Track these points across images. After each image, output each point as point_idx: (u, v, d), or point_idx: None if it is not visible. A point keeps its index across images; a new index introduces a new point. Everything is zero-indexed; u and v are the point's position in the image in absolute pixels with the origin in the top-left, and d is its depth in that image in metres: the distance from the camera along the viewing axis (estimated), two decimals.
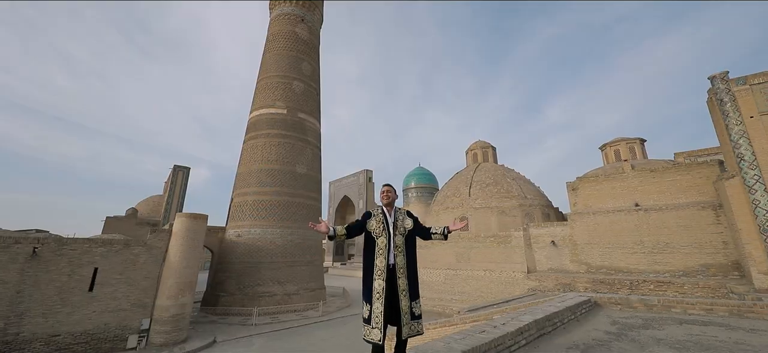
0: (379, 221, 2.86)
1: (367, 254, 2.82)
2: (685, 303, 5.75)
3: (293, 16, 28.30)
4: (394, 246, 2.78)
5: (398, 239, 2.82)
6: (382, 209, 3.00)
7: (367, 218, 2.92)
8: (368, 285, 2.70)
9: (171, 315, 14.33)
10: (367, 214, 2.97)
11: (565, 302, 5.63)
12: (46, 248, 12.56)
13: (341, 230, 2.81)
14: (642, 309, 5.90)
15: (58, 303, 12.39)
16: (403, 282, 2.69)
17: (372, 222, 2.87)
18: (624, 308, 6.08)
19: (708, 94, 14.11)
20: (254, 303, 19.65)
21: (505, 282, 18.31)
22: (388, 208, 2.99)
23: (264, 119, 24.74)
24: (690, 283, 13.51)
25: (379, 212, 2.95)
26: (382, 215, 2.92)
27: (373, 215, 2.92)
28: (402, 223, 2.94)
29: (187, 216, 15.71)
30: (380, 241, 2.74)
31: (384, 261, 2.70)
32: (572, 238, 17.60)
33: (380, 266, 2.69)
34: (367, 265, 2.76)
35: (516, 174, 25.11)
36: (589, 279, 15.71)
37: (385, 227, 2.82)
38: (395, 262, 2.74)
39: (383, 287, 2.62)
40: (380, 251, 2.72)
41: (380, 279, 2.65)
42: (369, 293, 2.65)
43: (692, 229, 14.72)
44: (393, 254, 2.75)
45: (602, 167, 20.23)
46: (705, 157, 21.97)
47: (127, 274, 14.01)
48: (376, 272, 2.68)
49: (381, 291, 2.61)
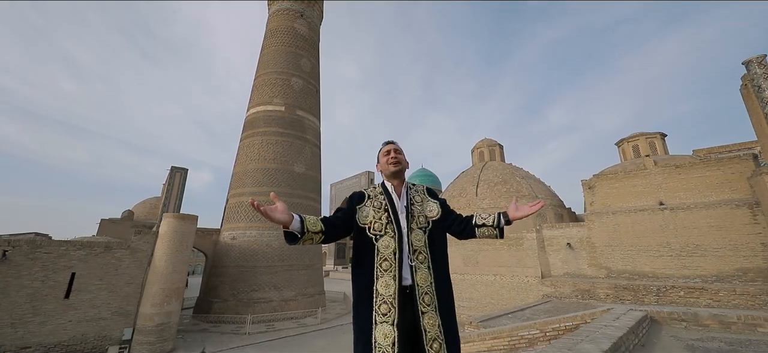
0: (380, 208, 1.63)
1: (358, 269, 1.57)
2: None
3: (292, 12, 27.42)
4: (410, 251, 1.55)
5: (416, 237, 1.59)
6: (384, 187, 1.75)
7: (357, 202, 1.67)
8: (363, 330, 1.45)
9: (156, 324, 13.20)
10: (356, 196, 1.71)
11: (622, 320, 4.38)
12: (18, 251, 11.51)
13: (314, 225, 1.49)
14: (717, 328, 4.64)
15: (29, 311, 11.31)
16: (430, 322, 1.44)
17: (367, 210, 1.63)
18: (690, 325, 4.83)
19: (742, 80, 12.86)
20: (249, 310, 18.50)
21: (517, 287, 16.99)
22: (395, 183, 1.74)
23: (261, 117, 23.76)
24: (725, 289, 12.17)
25: (379, 192, 1.71)
26: (385, 196, 1.68)
27: (369, 196, 1.69)
28: (421, 208, 1.69)
29: (174, 217, 14.64)
30: (382, 243, 1.55)
31: (393, 283, 1.47)
32: (590, 240, 16.28)
33: (385, 293, 1.46)
34: (360, 291, 1.53)
35: (525, 172, 23.84)
36: (610, 285, 14.39)
37: (391, 218, 1.60)
38: (414, 281, 1.49)
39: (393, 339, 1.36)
40: (383, 261, 1.51)
41: (387, 323, 1.40)
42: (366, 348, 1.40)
43: (726, 229, 13.36)
44: (408, 266, 1.52)
45: (620, 164, 18.90)
46: (726, 153, 20.60)
47: (108, 279, 12.93)
48: (378, 305, 1.45)
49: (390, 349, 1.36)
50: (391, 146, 1.81)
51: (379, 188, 1.76)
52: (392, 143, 1.83)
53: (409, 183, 1.79)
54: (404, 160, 1.79)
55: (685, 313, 4.87)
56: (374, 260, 1.53)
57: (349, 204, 1.69)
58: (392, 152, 1.78)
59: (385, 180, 1.80)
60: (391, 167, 1.74)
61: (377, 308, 1.44)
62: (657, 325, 4.87)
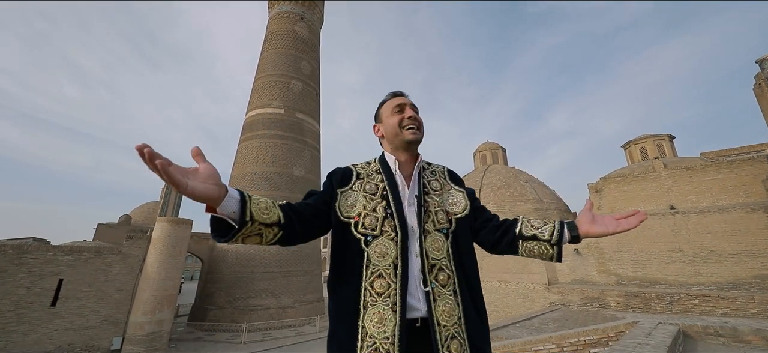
0: (375, 195, 1.10)
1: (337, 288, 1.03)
2: None
3: (292, 15, 27.27)
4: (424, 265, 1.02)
5: (434, 244, 1.05)
6: (383, 162, 1.19)
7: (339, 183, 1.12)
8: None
9: (146, 333, 12.66)
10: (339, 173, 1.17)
11: (653, 335, 3.88)
12: (3, 256, 11.06)
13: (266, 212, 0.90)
14: (760, 344, 4.10)
15: (12, 320, 10.81)
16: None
17: (355, 196, 1.09)
18: (730, 341, 4.31)
19: (755, 79, 12.43)
20: (245, 317, 17.91)
21: (523, 294, 16.39)
22: (403, 160, 1.18)
23: (260, 120, 23.44)
24: (743, 297, 11.58)
25: (375, 169, 1.17)
26: (384, 177, 1.13)
27: (359, 176, 1.15)
28: (441, 199, 1.15)
29: (168, 221, 14.18)
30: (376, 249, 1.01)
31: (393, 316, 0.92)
32: (598, 245, 15.71)
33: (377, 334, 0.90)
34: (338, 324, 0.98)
35: (529, 176, 23.37)
36: (620, 292, 13.80)
37: (392, 211, 1.06)
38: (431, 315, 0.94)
39: None
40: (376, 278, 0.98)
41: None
42: None
43: (741, 234, 12.80)
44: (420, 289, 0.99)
45: (628, 167, 18.41)
46: (735, 156, 20.09)
47: (98, 286, 12.43)
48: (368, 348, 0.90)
49: None
50: (406, 100, 1.20)
51: (376, 164, 1.18)
52: (401, 94, 1.23)
53: (424, 162, 1.23)
54: (420, 127, 1.18)
55: (722, 327, 4.35)
56: (362, 277, 0.98)
57: (327, 186, 1.13)
58: (408, 108, 1.17)
59: (387, 153, 1.21)
60: (408, 135, 1.13)
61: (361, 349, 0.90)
62: (692, 341, 4.34)
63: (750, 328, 4.27)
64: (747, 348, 4.12)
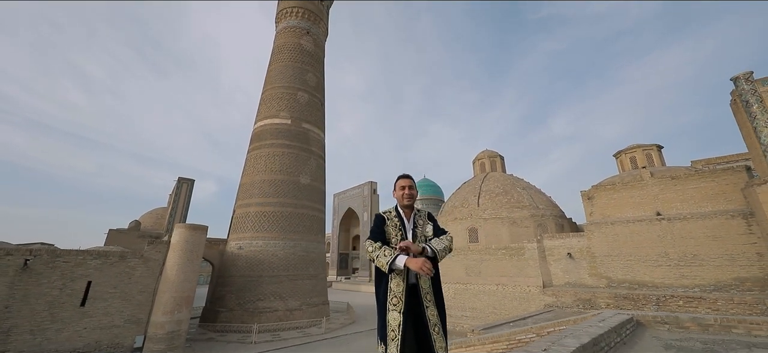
0: (396, 227, 2.18)
1: (378, 273, 2.07)
2: (748, 322, 4.91)
3: (299, 29, 28.54)
4: None
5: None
6: (397, 211, 2.28)
7: (382, 223, 2.21)
8: (382, 317, 1.99)
9: (166, 332, 13.58)
10: (380, 219, 2.25)
11: (607, 322, 4.85)
12: (39, 260, 12.06)
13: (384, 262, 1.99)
14: (696, 330, 5.07)
15: (47, 318, 11.78)
16: (432, 313, 1.97)
17: (388, 229, 2.17)
18: (673, 328, 5.26)
19: (731, 95, 13.40)
20: (254, 319, 18.78)
21: (519, 297, 17.23)
22: (406, 211, 2.27)
23: (268, 130, 24.52)
24: (724, 298, 12.42)
25: (394, 215, 2.25)
26: (399, 219, 2.22)
27: (388, 219, 2.23)
28: (422, 230, 2.23)
29: (186, 227, 15.17)
30: None
31: (403, 283, 1.98)
32: (590, 250, 16.59)
33: (396, 290, 1.97)
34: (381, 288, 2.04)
35: (526, 183, 24.27)
36: (610, 294, 14.64)
37: (403, 237, 2.15)
38: (418, 283, 2.01)
39: (399, 322, 1.89)
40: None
41: (395, 311, 1.92)
42: (383, 328, 1.96)
43: (722, 239, 13.68)
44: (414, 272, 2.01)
45: (619, 175, 19.32)
46: (724, 164, 20.97)
47: (122, 288, 13.40)
48: (392, 299, 1.96)
49: (397, 329, 1.88)
50: (407, 182, 2.29)
51: (394, 211, 2.29)
52: (408, 178, 2.31)
53: (416, 210, 2.34)
54: (415, 194, 2.29)
55: (667, 317, 5.28)
56: None
57: (379, 224, 2.24)
58: (407, 189, 2.27)
59: (399, 207, 2.31)
60: (405, 201, 2.27)
61: (390, 299, 1.96)
62: (642, 327, 5.27)
63: (688, 317, 5.21)
64: (685, 332, 5.08)
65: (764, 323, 4.85)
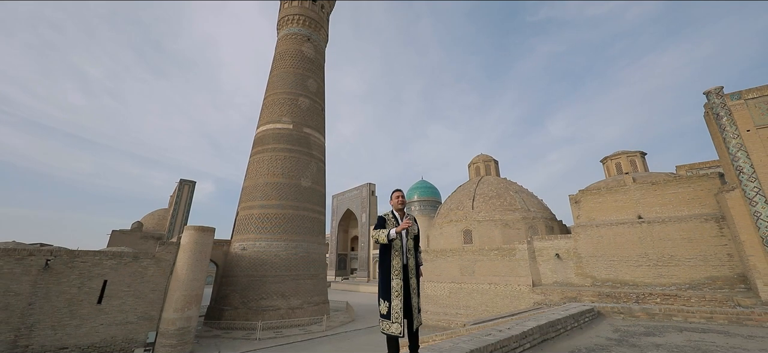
0: (392, 224, 3.12)
1: (384, 255, 3.05)
2: (685, 311, 5.90)
3: (300, 36, 29.40)
4: (407, 249, 3.05)
5: (409, 243, 3.09)
6: (393, 213, 3.23)
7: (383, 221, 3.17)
8: (386, 283, 2.96)
9: (177, 329, 14.40)
10: (381, 219, 3.19)
11: (569, 310, 5.81)
12: (59, 260, 12.85)
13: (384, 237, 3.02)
14: (644, 318, 6.05)
15: (67, 315, 12.57)
16: (414, 282, 3.01)
17: (388, 226, 3.11)
18: (626, 317, 6.22)
19: (705, 108, 14.44)
20: (258, 317, 19.61)
21: (510, 295, 18.20)
22: (400, 213, 3.23)
23: (270, 134, 25.35)
24: (696, 296, 13.42)
25: (391, 216, 3.19)
26: (394, 219, 3.16)
27: (388, 219, 3.15)
28: (412, 228, 3.18)
29: (195, 229, 15.99)
30: (397, 243, 2.98)
31: (400, 262, 2.97)
32: (576, 251, 17.60)
33: (397, 266, 2.96)
34: (385, 265, 3.02)
35: (518, 187, 25.28)
36: (594, 293, 15.62)
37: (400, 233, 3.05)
38: (407, 263, 3.02)
39: (401, 285, 2.91)
40: (396, 252, 2.98)
41: (398, 279, 2.93)
42: (388, 291, 2.91)
43: (696, 241, 14.73)
44: (406, 255, 3.02)
45: (604, 180, 20.38)
46: (706, 170, 22.08)
47: (136, 286, 14.20)
48: (394, 271, 2.95)
49: (399, 290, 2.89)
50: (400, 193, 3.32)
51: (391, 214, 3.25)
52: (400, 190, 3.35)
53: (407, 213, 3.32)
54: (405, 201, 3.31)
55: (623, 307, 6.24)
56: (392, 251, 3.03)
57: (381, 222, 3.18)
58: (400, 197, 3.30)
59: (394, 210, 3.29)
60: (399, 206, 3.27)
61: (393, 273, 2.97)
62: (601, 316, 6.22)
63: (640, 308, 6.18)
64: (635, 320, 6.04)
65: (698, 312, 5.83)
